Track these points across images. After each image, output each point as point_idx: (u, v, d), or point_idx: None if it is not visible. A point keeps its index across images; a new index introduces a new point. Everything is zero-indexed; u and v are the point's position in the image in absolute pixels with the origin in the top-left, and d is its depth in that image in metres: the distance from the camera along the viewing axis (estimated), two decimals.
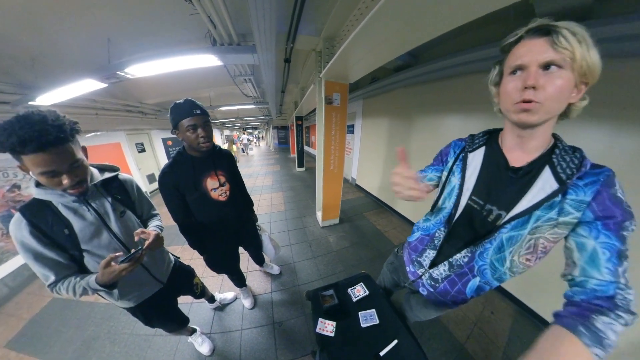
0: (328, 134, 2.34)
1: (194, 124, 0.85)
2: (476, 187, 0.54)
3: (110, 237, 0.72)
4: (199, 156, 0.96)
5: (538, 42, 0.37)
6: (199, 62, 1.81)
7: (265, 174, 6.07)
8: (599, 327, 0.34)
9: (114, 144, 4.00)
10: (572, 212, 0.40)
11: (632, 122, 1.14)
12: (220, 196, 1.03)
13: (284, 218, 3.09)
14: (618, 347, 0.31)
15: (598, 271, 0.38)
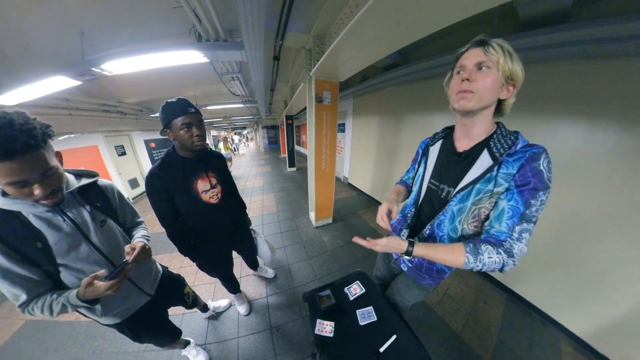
0: (319, 132, 2.32)
1: (189, 122, 0.82)
2: (433, 171, 0.68)
3: (89, 249, 0.66)
4: (189, 157, 0.92)
5: (476, 50, 0.50)
6: (183, 58, 1.72)
7: (255, 175, 5.93)
8: (481, 248, 0.51)
9: (90, 147, 3.72)
10: (503, 184, 0.50)
11: (607, 119, 1.23)
12: (211, 199, 1.00)
13: (276, 220, 3.04)
14: None
15: (499, 224, 0.51)
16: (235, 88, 3.36)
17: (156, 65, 1.74)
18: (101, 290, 0.56)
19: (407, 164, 3.33)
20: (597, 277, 1.34)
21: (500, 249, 0.49)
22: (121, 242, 0.76)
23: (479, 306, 1.70)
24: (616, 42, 1.07)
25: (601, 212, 1.29)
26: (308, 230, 2.75)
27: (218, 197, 1.02)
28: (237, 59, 1.93)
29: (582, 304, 1.42)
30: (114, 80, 2.54)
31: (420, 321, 1.53)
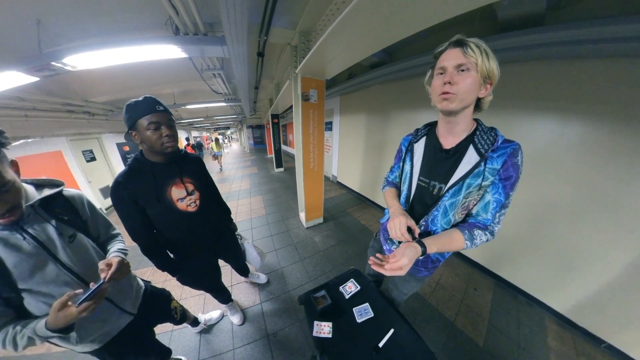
0: (306, 131, 2.29)
1: (157, 121, 0.75)
2: (422, 169, 0.69)
3: (58, 268, 0.58)
4: (161, 161, 0.84)
5: (455, 51, 0.51)
6: (158, 53, 1.59)
7: (241, 177, 5.73)
8: (474, 233, 0.59)
9: (52, 153, 3.33)
10: (489, 177, 0.56)
11: (577, 114, 1.36)
12: (188, 206, 0.92)
13: (265, 223, 2.96)
14: None
15: (486, 213, 0.59)
16: (217, 86, 3.21)
17: (128, 60, 1.59)
18: (74, 315, 0.49)
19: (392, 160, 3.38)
20: (572, 258, 1.48)
21: (486, 231, 0.60)
22: (95, 258, 0.68)
23: (469, 293, 1.80)
24: (584, 44, 1.16)
25: (573, 200, 1.43)
26: (299, 231, 2.71)
27: (196, 204, 0.94)
28: (218, 55, 1.83)
29: (561, 284, 1.56)
30: (79, 77, 2.30)
31: (416, 312, 1.58)
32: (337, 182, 4.95)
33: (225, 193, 4.16)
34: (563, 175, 1.44)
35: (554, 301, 1.62)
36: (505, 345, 1.41)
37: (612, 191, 1.28)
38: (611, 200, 1.28)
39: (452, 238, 0.60)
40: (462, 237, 0.59)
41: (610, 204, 1.29)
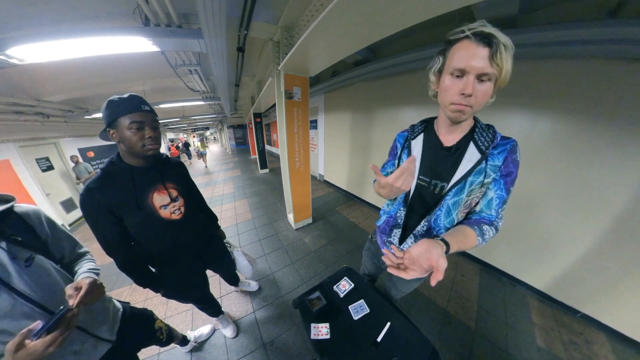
0: (290, 130, 2.24)
1: (141, 121, 0.70)
2: (421, 168, 0.66)
3: (13, 298, 0.48)
4: (141, 165, 0.77)
5: (481, 51, 0.43)
6: (125, 45, 1.45)
7: (224, 180, 5.49)
8: (483, 229, 0.57)
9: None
10: (491, 174, 0.55)
11: (547, 109, 1.52)
12: (173, 214, 0.85)
13: (252, 227, 2.86)
14: None
15: (489, 210, 0.59)
16: (194, 83, 3.01)
17: (88, 53, 1.43)
18: (39, 352, 0.41)
19: (381, 157, 3.45)
20: (547, 239, 1.66)
21: (492, 227, 0.59)
22: (60, 282, 0.58)
23: (458, 280, 1.92)
24: (552, 46, 1.29)
25: (546, 187, 1.59)
26: (288, 233, 2.66)
27: (181, 211, 0.88)
28: (194, 49, 1.71)
29: (539, 263, 1.74)
30: (28, 72, 2.02)
31: (410, 304, 1.63)
32: (324, 180, 4.95)
33: (208, 198, 3.97)
34: (537, 164, 1.58)
35: (533, 280, 1.81)
36: (494, 325, 1.53)
37: (579, 178, 1.45)
38: (578, 186, 1.47)
39: (466, 235, 0.56)
40: (475, 234, 0.56)
41: (577, 189, 1.47)
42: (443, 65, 0.52)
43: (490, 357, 1.33)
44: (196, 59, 2.30)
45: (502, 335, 1.46)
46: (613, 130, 1.33)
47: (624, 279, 1.40)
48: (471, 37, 0.44)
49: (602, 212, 1.41)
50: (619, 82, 1.26)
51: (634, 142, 1.26)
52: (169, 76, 2.72)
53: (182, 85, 3.14)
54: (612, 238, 1.40)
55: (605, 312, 1.50)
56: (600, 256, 1.46)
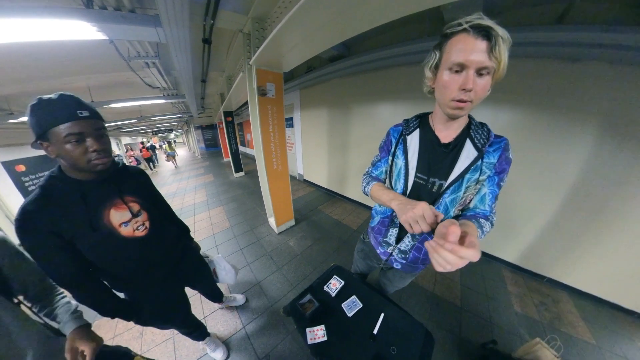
0: (265, 129, 2.15)
1: (80, 132, 0.58)
2: (419, 165, 0.65)
3: None
4: (90, 179, 0.66)
5: (480, 44, 0.43)
6: (61, 31, 1.24)
7: (194, 188, 5.06)
8: (481, 222, 0.57)
9: None
10: (486, 172, 0.57)
11: (505, 102, 1.77)
12: (136, 231, 0.76)
13: (231, 236, 2.70)
14: None
15: (483, 205, 0.61)
16: (153, 78, 2.73)
17: (10, 38, 1.19)
18: None
19: (360, 153, 3.55)
20: (514, 217, 1.93)
21: (487, 221, 0.59)
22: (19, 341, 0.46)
23: None
24: (521, 46, 1.44)
25: (515, 170, 1.79)
26: (271, 238, 2.58)
27: (146, 226, 0.78)
28: (151, 39, 1.55)
29: (508, 239, 2.02)
30: None
31: (400, 292, 1.68)
32: (304, 180, 4.92)
33: (177, 210, 3.63)
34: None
35: (506, 254, 2.12)
36: (477, 299, 1.74)
37: (540, 159, 1.73)
38: (539, 166, 1.74)
39: (469, 226, 0.52)
40: (475, 227, 0.54)
41: (538, 168, 1.75)
42: (440, 60, 0.51)
43: (477, 328, 1.50)
44: (154, 51, 2.09)
45: (485, 307, 1.67)
46: (562, 120, 1.60)
47: (577, 245, 1.74)
48: (469, 30, 0.43)
49: (558, 189, 1.72)
50: (563, 79, 1.52)
51: (578, 130, 1.56)
52: (120, 70, 2.43)
53: (138, 81, 2.83)
54: (566, 210, 1.73)
55: (565, 274, 1.85)
56: (557, 227, 1.79)
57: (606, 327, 1.57)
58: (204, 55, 2.31)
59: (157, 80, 2.77)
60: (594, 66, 1.43)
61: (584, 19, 1.36)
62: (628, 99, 1.39)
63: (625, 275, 1.61)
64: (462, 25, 0.44)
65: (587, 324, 1.58)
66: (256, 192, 4.20)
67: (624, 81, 1.37)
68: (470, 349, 1.36)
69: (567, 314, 1.65)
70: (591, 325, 1.57)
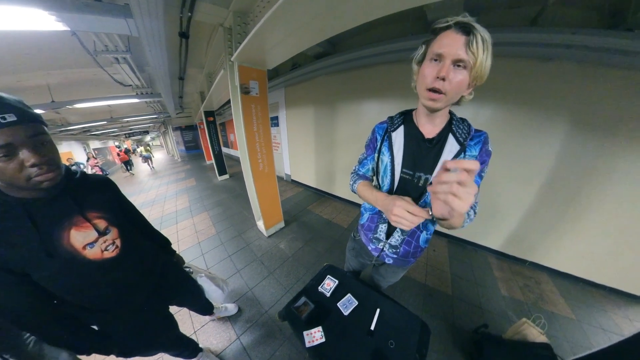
0: (249, 129, 2.09)
1: (6, 143, 0.47)
2: (404, 160, 0.67)
3: None
4: (39, 196, 0.56)
5: (459, 38, 0.47)
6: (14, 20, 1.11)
7: (175, 194, 4.78)
8: (468, 212, 0.59)
9: None
10: None
11: (486, 99, 1.89)
12: (105, 251, 0.67)
13: (218, 243, 2.59)
14: None
15: None
16: (123, 75, 2.55)
17: None
18: None
19: (348, 151, 3.60)
20: (497, 206, 2.07)
21: (471, 209, 0.62)
22: None
23: (430, 255, 2.23)
24: (498, 46, 1.52)
25: (495, 162, 1.87)
26: (260, 242, 2.52)
27: (117, 245, 0.70)
28: (121, 32, 1.44)
29: (492, 227, 2.17)
30: None
31: (393, 286, 1.71)
32: (291, 180, 4.87)
33: (157, 219, 3.42)
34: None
35: (490, 242, 2.29)
36: (467, 287, 1.86)
37: (518, 152, 1.88)
38: (517, 158, 1.89)
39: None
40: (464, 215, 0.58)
41: (517, 161, 1.90)
42: (425, 54, 0.55)
43: (469, 314, 1.60)
44: (125, 45, 1.95)
45: (475, 294, 1.79)
46: (537, 115, 1.75)
47: (554, 230, 1.93)
48: (453, 26, 0.48)
49: (535, 179, 1.88)
50: (536, 77, 1.67)
51: (551, 125, 1.72)
52: (86, 66, 2.24)
53: (107, 78, 2.63)
54: (543, 199, 1.90)
55: (544, 256, 2.04)
56: (536, 214, 1.96)
57: (583, 302, 1.76)
58: (181, 50, 2.19)
59: (129, 77, 2.59)
60: (563, 65, 1.57)
61: (554, 22, 1.49)
62: (593, 96, 1.55)
63: (596, 255, 1.82)
64: (447, 22, 0.48)
65: (566, 301, 1.76)
66: (242, 195, 4.09)
67: (589, 79, 1.53)
68: (464, 335, 1.43)
69: (548, 294, 1.82)
70: (570, 302, 1.75)
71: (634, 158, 1.53)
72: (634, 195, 1.58)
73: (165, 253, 1.03)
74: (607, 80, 1.49)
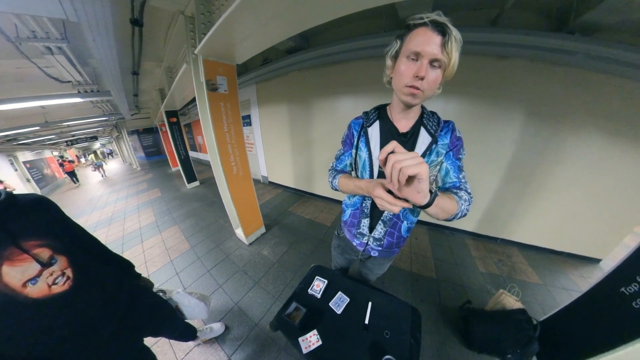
0: (219, 130, 1.94)
1: None
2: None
3: None
4: None
5: (436, 38, 0.49)
6: None
7: (137, 208, 4.21)
8: (459, 195, 0.60)
9: None
10: (442, 152, 0.65)
11: (454, 94, 2.10)
12: (53, 286, 0.57)
13: (194, 258, 2.36)
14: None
15: (449, 178, 0.65)
16: (60, 68, 2.16)
17: None
18: None
19: (325, 148, 3.64)
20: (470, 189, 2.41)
21: (462, 190, 0.63)
22: None
23: (413, 243, 2.41)
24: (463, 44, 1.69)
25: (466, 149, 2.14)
26: (241, 252, 2.38)
27: (68, 277, 0.60)
28: (54, 15, 1.21)
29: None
30: None
31: (381, 278, 1.77)
32: (269, 182, 4.74)
33: (117, 240, 2.97)
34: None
35: (465, 225, 2.53)
36: (449, 269, 2.03)
37: (483, 140, 2.12)
38: (482, 145, 2.13)
39: (449, 198, 0.56)
40: (452, 195, 0.59)
41: (482, 148, 2.14)
42: (400, 49, 0.56)
43: (453, 294, 1.75)
44: (60, 32, 1.66)
45: (456, 274, 1.97)
46: (497, 106, 2.00)
47: (518, 207, 2.22)
48: (428, 24, 0.49)
49: (498, 163, 2.15)
50: (496, 73, 1.91)
51: (509, 114, 1.99)
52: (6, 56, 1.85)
53: (37, 73, 2.22)
54: (507, 180, 2.17)
55: (513, 232, 2.34)
56: (502, 195, 2.24)
57: (547, 268, 2.07)
58: (134, 40, 1.94)
59: (67, 71, 2.21)
60: (518, 63, 1.81)
61: (511, 24, 1.69)
62: (543, 90, 1.83)
63: (553, 226, 2.16)
64: (423, 19, 0.50)
65: (534, 270, 2.04)
66: (216, 203, 3.82)
67: (539, 76, 1.79)
68: (452, 313, 1.56)
69: (519, 265, 2.10)
70: (537, 270, 2.05)
71: (577, 143, 1.85)
72: (578, 173, 1.92)
73: (130, 278, 0.91)
74: (554, 77, 1.76)
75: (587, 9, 1.38)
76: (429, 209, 0.51)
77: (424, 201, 0.47)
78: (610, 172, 1.82)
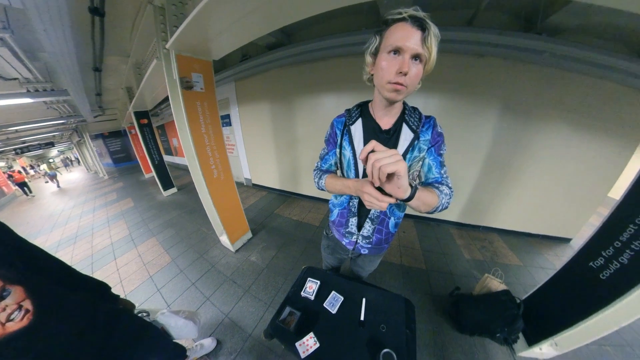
0: (196, 131, 1.83)
1: None
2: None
3: None
4: None
5: (416, 33, 0.49)
6: None
7: (107, 221, 3.82)
8: (440, 189, 0.62)
9: None
10: (424, 148, 0.66)
11: (435, 91, 2.22)
12: (9, 322, 0.51)
13: (177, 272, 2.21)
14: None
15: (432, 173, 0.67)
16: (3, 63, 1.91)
17: None
18: None
19: (309, 146, 3.66)
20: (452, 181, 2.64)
21: (443, 185, 0.65)
22: None
23: (401, 236, 2.51)
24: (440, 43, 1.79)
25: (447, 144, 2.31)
26: (228, 259, 2.28)
27: (26, 309, 0.54)
28: None
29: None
30: None
31: (373, 273, 1.80)
32: (252, 185, 4.61)
33: (86, 259, 2.65)
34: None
35: (450, 216, 2.70)
36: (437, 258, 2.14)
37: (462, 134, 2.27)
38: (462, 139, 2.29)
39: (430, 192, 0.59)
40: (432, 188, 0.61)
41: (461, 141, 2.29)
42: (379, 45, 0.56)
43: (443, 282, 1.85)
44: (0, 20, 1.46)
45: (444, 263, 2.09)
46: (474, 102, 2.14)
47: (496, 195, 2.40)
48: (408, 19, 0.49)
49: (477, 155, 2.31)
50: (473, 70, 2.04)
51: (485, 109, 2.13)
52: None
53: None
54: (485, 170, 2.33)
55: (493, 220, 2.54)
56: (481, 184, 2.40)
57: (526, 251, 2.27)
58: (95, 31, 1.77)
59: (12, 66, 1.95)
60: (493, 61, 1.96)
61: (486, 24, 1.80)
62: (515, 86, 2.00)
63: (529, 211, 2.37)
64: (401, 14, 0.50)
65: (514, 253, 2.24)
66: (197, 210, 3.61)
67: (512, 73, 1.96)
68: (443, 301, 1.64)
69: (500, 249, 2.28)
70: (517, 252, 2.24)
71: (547, 135, 2.06)
72: (549, 161, 2.13)
73: (106, 301, 0.83)
74: (525, 74, 1.93)
75: (553, 12, 1.51)
76: (411, 202, 0.54)
77: (405, 195, 0.49)
78: (575, 159, 2.04)
